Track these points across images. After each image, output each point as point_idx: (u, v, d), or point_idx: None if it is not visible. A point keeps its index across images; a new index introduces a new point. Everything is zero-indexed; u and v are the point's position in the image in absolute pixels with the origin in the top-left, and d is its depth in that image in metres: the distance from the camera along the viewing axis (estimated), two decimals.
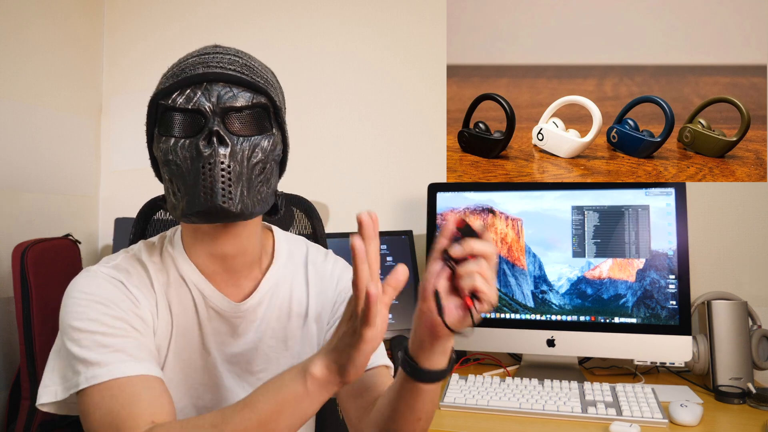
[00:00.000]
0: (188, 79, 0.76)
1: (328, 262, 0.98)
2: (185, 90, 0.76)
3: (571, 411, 1.16)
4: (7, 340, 1.74)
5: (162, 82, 0.80)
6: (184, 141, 0.76)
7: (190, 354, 0.84)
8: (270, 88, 0.81)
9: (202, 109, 0.75)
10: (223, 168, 0.74)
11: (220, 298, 0.85)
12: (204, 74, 0.76)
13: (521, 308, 1.46)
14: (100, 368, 0.72)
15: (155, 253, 0.87)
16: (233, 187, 0.75)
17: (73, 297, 0.77)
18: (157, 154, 0.80)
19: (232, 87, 0.77)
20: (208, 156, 0.74)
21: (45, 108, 1.95)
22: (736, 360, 1.34)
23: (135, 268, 0.84)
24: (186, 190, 0.76)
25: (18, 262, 1.57)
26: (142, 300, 0.81)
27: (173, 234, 0.89)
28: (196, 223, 0.79)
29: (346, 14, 1.94)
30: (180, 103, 0.76)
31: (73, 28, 2.08)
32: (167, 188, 0.80)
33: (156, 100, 0.78)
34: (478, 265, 0.67)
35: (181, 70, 0.78)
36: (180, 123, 0.77)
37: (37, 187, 1.91)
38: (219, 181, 0.74)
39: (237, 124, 0.77)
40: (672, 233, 1.39)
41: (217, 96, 0.76)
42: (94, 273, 0.80)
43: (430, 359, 0.74)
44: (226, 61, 0.79)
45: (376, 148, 1.89)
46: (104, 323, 0.75)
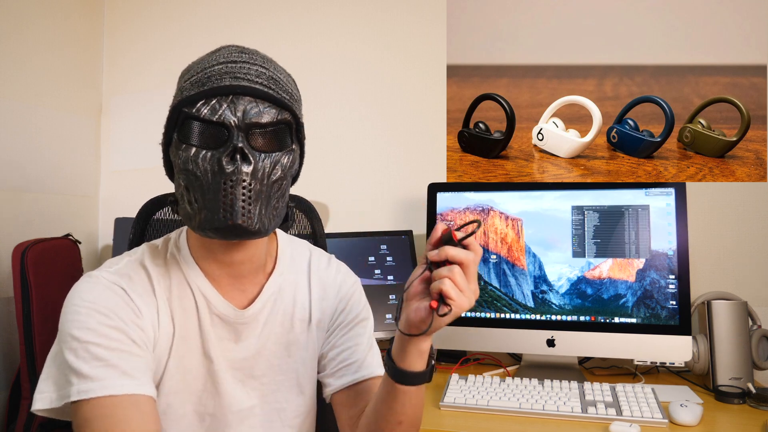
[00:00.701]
0: (215, 90, 0.75)
1: (331, 268, 0.98)
2: (210, 100, 0.75)
3: (571, 411, 1.16)
4: (7, 340, 1.74)
5: (186, 88, 0.78)
6: (205, 153, 0.75)
7: (191, 360, 0.84)
8: (294, 104, 0.81)
9: (227, 122, 0.74)
10: (245, 186, 0.74)
11: (225, 305, 0.85)
12: (231, 86, 0.75)
13: (521, 308, 1.46)
14: (92, 382, 0.72)
15: (159, 257, 0.86)
16: (252, 206, 0.75)
17: (74, 304, 0.77)
18: (174, 160, 0.79)
19: (258, 102, 0.76)
20: (231, 173, 0.73)
21: (45, 108, 1.95)
22: (736, 360, 1.34)
23: (138, 274, 0.83)
24: (204, 204, 0.75)
25: (18, 262, 1.57)
26: (143, 308, 0.80)
27: (178, 236, 0.88)
28: (212, 237, 0.78)
29: (346, 14, 1.94)
30: (204, 114, 0.75)
31: (73, 28, 2.08)
32: (182, 194, 0.79)
33: (180, 106, 0.77)
34: (449, 271, 0.71)
35: (206, 77, 0.76)
36: (202, 133, 0.76)
37: (37, 187, 1.91)
38: (239, 199, 0.74)
39: (260, 140, 0.77)
40: (672, 233, 1.39)
41: (243, 111, 0.75)
42: (96, 279, 0.79)
43: (406, 360, 0.77)
44: (254, 73, 0.77)
45: (376, 148, 1.89)
46: (102, 334, 0.74)
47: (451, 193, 1.54)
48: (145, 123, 2.12)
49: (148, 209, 1.12)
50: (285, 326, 0.90)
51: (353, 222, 1.88)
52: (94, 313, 0.75)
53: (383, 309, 1.60)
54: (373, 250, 1.67)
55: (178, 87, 0.81)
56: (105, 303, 0.77)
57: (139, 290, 0.81)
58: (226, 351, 0.85)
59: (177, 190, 0.81)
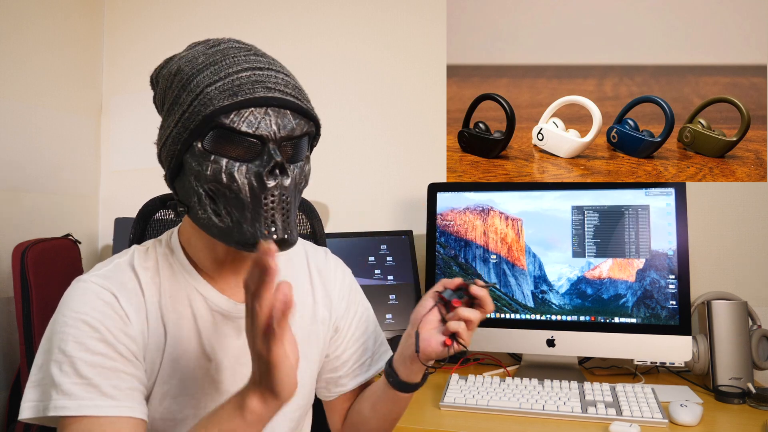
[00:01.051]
0: (250, 101, 0.73)
1: (329, 264, 1.00)
2: (244, 112, 0.73)
3: (571, 411, 1.16)
4: (7, 340, 1.74)
5: (215, 96, 0.73)
6: (240, 165, 0.73)
7: (188, 363, 0.83)
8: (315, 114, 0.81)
9: (264, 135, 0.73)
10: (284, 200, 0.75)
11: (225, 300, 0.84)
12: (266, 98, 0.74)
13: (521, 308, 1.46)
14: (69, 400, 0.71)
15: (150, 260, 0.85)
16: (290, 218, 0.76)
17: (63, 314, 0.76)
18: (195, 168, 0.75)
19: (290, 115, 0.76)
20: (273, 188, 0.73)
21: (45, 108, 1.95)
22: (736, 360, 1.34)
23: (127, 277, 0.82)
24: (242, 217, 0.74)
25: (18, 262, 1.57)
26: (131, 314, 0.79)
27: (169, 238, 0.87)
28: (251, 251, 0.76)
29: (346, 14, 1.94)
30: (240, 126, 0.73)
31: (73, 28, 2.08)
32: (202, 203, 0.77)
33: (212, 117, 0.73)
34: (468, 314, 0.83)
35: (237, 86, 0.74)
36: (236, 145, 0.74)
37: (37, 187, 1.91)
38: (280, 213, 0.74)
39: (289, 151, 0.77)
40: (672, 233, 1.39)
41: (278, 125, 0.74)
42: (84, 286, 0.78)
43: (409, 375, 0.89)
44: (282, 83, 0.76)
45: (376, 148, 1.89)
46: (88, 349, 0.73)
47: (451, 193, 1.54)
48: (145, 123, 2.11)
49: (149, 209, 1.12)
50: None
51: (353, 222, 1.88)
52: (82, 324, 0.74)
53: (383, 309, 1.60)
54: (373, 250, 1.67)
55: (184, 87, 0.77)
56: (93, 313, 0.76)
57: (127, 295, 0.80)
58: (229, 348, 0.85)
59: (189, 198, 0.78)
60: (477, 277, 0.91)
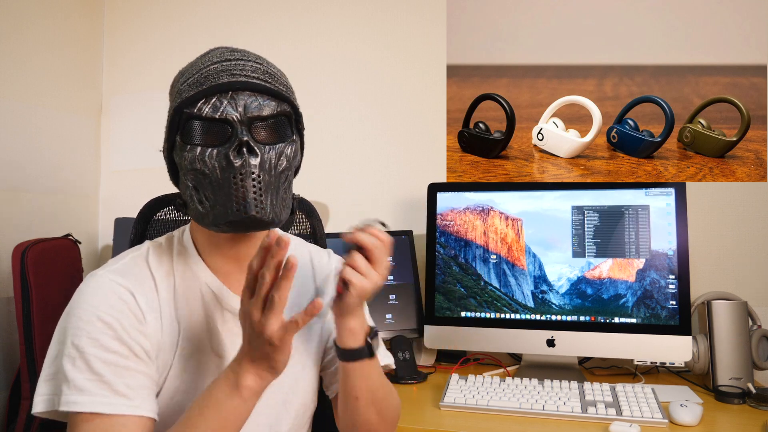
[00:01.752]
0: (213, 87, 0.76)
1: (332, 263, 1.00)
2: (210, 99, 0.76)
3: (571, 411, 1.16)
4: (7, 340, 1.74)
5: (185, 90, 0.79)
6: (211, 150, 0.76)
7: (200, 359, 0.84)
8: (291, 95, 0.83)
9: (230, 118, 0.76)
10: (254, 178, 0.75)
11: (234, 298, 0.85)
12: (229, 83, 0.76)
13: (521, 308, 1.46)
14: (82, 396, 0.72)
15: (164, 256, 0.86)
16: (264, 197, 0.76)
17: (79, 307, 0.76)
18: (179, 162, 0.79)
19: (257, 96, 0.77)
20: (240, 166, 0.75)
21: (45, 108, 1.95)
22: (736, 360, 1.34)
23: (142, 272, 0.83)
24: (216, 200, 0.76)
25: (18, 262, 1.57)
26: (146, 311, 0.79)
27: (182, 234, 0.88)
28: (228, 232, 0.80)
29: (346, 14, 1.94)
30: (206, 112, 0.76)
31: (73, 28, 2.08)
32: (190, 195, 0.80)
33: (180, 108, 0.78)
34: (350, 257, 0.81)
35: (204, 77, 0.77)
36: (206, 132, 0.77)
37: (37, 187, 1.91)
38: (251, 191, 0.75)
39: (263, 132, 0.78)
40: (672, 233, 1.39)
41: (244, 105, 0.76)
42: (99, 281, 0.79)
43: (341, 339, 0.86)
44: (249, 69, 0.79)
45: (376, 148, 1.89)
46: (102, 345, 0.74)
47: (451, 193, 1.54)
48: (145, 123, 2.12)
49: (149, 209, 1.12)
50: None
51: (353, 222, 1.87)
52: (97, 320, 0.75)
53: (383, 309, 1.60)
54: None
55: (174, 92, 0.82)
56: (109, 310, 0.76)
57: (142, 289, 0.81)
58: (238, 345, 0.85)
59: (185, 193, 0.82)
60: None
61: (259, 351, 0.71)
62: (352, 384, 0.87)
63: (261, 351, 0.71)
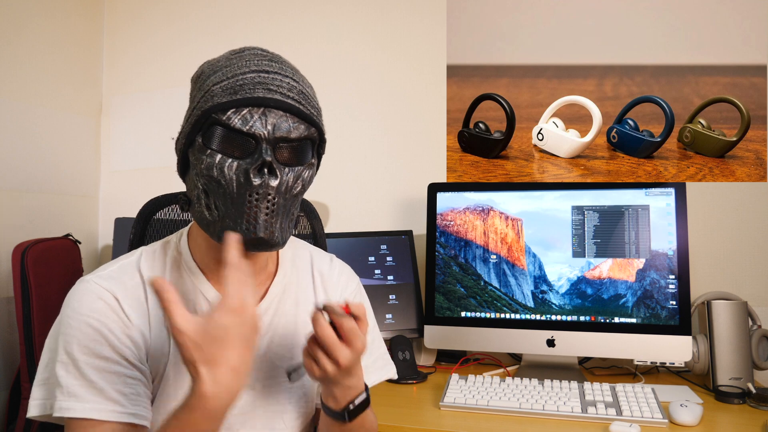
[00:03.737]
0: (248, 100, 0.74)
1: (334, 269, 0.99)
2: (242, 110, 0.74)
3: (571, 411, 1.16)
4: (7, 340, 1.74)
5: (217, 93, 0.76)
6: (231, 162, 0.75)
7: None
8: (320, 118, 0.81)
9: (257, 134, 0.74)
10: (269, 200, 0.75)
11: None
12: (264, 99, 0.74)
13: (521, 308, 1.46)
14: (76, 402, 0.72)
15: (157, 261, 0.85)
16: (275, 219, 0.76)
17: (67, 315, 0.76)
18: (194, 162, 0.78)
19: (288, 117, 0.76)
20: (258, 186, 0.74)
21: (45, 108, 1.95)
22: (736, 360, 1.34)
23: (132, 279, 0.82)
24: (227, 212, 0.75)
25: (18, 262, 1.57)
26: (133, 318, 0.79)
27: (179, 240, 0.87)
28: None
29: (346, 15, 1.94)
30: (235, 123, 0.74)
31: (73, 28, 2.08)
32: (198, 196, 0.79)
33: (209, 112, 0.75)
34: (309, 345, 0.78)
35: (239, 86, 0.75)
36: (230, 141, 0.75)
37: (37, 187, 1.91)
38: (263, 212, 0.75)
39: (285, 153, 0.77)
40: (672, 233, 1.39)
41: (274, 125, 0.75)
42: (86, 286, 0.79)
43: (323, 393, 0.83)
44: (286, 87, 0.77)
45: (376, 148, 1.89)
46: (92, 352, 0.74)
47: (451, 193, 1.54)
48: (145, 123, 2.12)
49: (149, 209, 1.12)
50: (289, 328, 0.90)
51: (353, 222, 1.88)
52: (86, 327, 0.75)
53: (383, 309, 1.60)
54: (373, 250, 1.67)
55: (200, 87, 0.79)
56: (94, 314, 0.76)
57: (128, 294, 0.80)
58: None
59: (192, 192, 0.81)
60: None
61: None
62: (331, 429, 0.86)
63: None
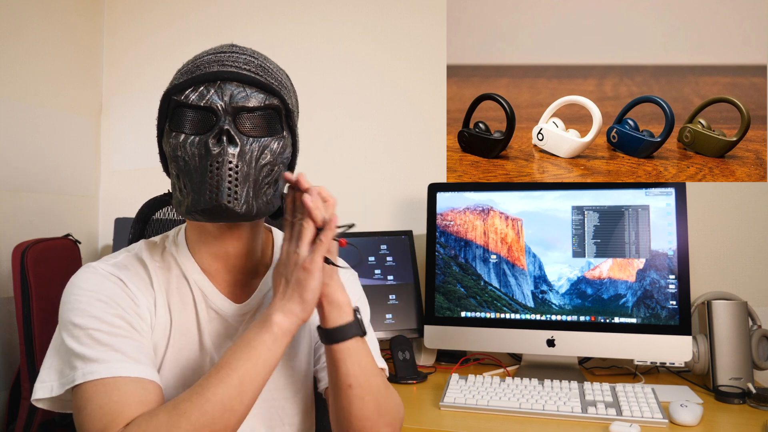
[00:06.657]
0: (202, 76, 0.77)
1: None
2: (198, 87, 0.77)
3: (571, 411, 1.16)
4: (7, 340, 1.74)
5: (176, 78, 0.80)
6: (194, 138, 0.76)
7: (189, 354, 0.84)
8: (283, 90, 0.82)
9: (214, 107, 0.76)
10: (231, 167, 0.75)
11: (221, 299, 0.85)
12: (218, 72, 0.77)
13: (521, 308, 1.46)
14: (98, 365, 0.72)
15: (156, 252, 0.87)
16: (239, 188, 0.76)
17: (74, 293, 0.78)
18: (166, 149, 0.80)
19: (245, 87, 0.77)
20: (217, 154, 0.74)
21: (45, 108, 1.95)
22: (736, 360, 1.34)
23: (135, 267, 0.84)
24: (192, 187, 0.76)
25: (18, 262, 1.57)
26: (140, 299, 0.81)
27: (176, 234, 0.89)
28: (200, 221, 0.80)
29: (346, 15, 1.94)
30: (192, 99, 0.76)
31: (73, 28, 2.08)
32: (174, 184, 0.80)
33: (169, 95, 0.78)
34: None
35: (195, 66, 0.79)
36: (191, 120, 0.77)
37: (37, 187, 1.91)
38: (225, 180, 0.75)
39: (248, 124, 0.78)
40: (672, 233, 1.39)
41: (230, 95, 0.76)
42: (94, 269, 0.81)
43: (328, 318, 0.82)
44: (242, 61, 0.79)
45: (376, 148, 1.89)
46: (104, 321, 0.75)
47: (451, 193, 1.54)
48: (145, 123, 2.11)
49: (148, 209, 1.12)
50: None
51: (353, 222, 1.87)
52: (95, 300, 0.76)
53: (383, 309, 1.60)
54: (373, 250, 1.67)
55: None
56: (105, 291, 0.78)
57: (136, 282, 0.82)
58: (221, 348, 0.86)
59: (172, 184, 0.82)
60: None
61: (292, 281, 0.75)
62: (344, 370, 0.81)
63: (296, 286, 0.75)
